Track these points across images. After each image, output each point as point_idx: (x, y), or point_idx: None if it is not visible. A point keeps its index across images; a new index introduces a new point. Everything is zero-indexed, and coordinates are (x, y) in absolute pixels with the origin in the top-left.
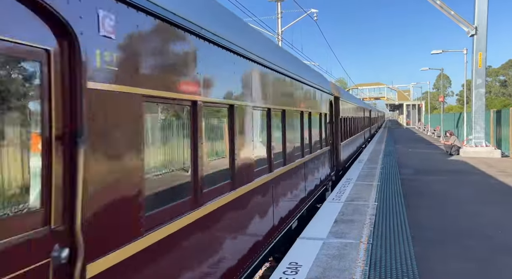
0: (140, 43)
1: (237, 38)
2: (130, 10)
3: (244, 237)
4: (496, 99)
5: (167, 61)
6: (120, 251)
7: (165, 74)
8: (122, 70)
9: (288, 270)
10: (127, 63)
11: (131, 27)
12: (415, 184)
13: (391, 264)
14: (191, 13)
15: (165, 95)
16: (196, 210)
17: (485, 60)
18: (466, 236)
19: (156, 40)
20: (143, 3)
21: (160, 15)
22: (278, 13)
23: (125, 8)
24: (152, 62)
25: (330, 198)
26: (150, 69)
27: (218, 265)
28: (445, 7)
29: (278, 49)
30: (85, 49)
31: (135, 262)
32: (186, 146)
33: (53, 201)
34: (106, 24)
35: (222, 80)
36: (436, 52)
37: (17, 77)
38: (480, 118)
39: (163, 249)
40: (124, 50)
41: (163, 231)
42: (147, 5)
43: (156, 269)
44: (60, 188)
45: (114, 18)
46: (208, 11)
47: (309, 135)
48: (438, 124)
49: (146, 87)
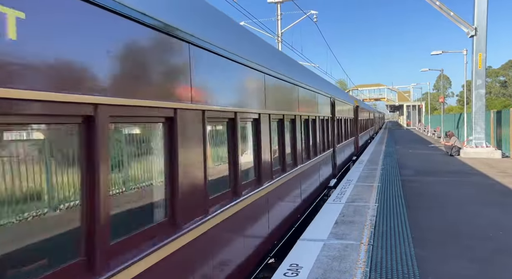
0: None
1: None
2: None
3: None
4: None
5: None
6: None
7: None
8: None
9: (289, 272)
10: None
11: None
12: (415, 185)
13: (392, 265)
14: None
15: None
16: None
17: (485, 61)
18: (467, 237)
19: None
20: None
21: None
22: (278, 15)
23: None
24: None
25: (330, 199)
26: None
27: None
28: (445, 8)
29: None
30: None
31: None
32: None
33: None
34: None
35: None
36: (436, 53)
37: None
38: (480, 119)
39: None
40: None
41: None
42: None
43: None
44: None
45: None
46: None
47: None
48: (438, 125)
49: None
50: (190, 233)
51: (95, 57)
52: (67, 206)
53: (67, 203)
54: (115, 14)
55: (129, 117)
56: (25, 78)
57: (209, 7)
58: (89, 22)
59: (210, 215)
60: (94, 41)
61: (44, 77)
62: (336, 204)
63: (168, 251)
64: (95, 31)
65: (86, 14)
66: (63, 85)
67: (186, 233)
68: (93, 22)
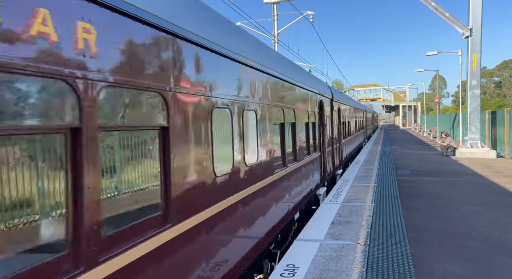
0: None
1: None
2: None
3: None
4: (491, 100)
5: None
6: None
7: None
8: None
9: (286, 272)
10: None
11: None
12: (411, 185)
13: (388, 265)
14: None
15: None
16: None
17: (479, 62)
18: (462, 237)
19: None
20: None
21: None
22: (274, 15)
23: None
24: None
25: (327, 199)
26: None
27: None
28: (440, 9)
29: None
30: None
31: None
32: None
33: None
34: None
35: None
36: (431, 53)
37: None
38: (475, 119)
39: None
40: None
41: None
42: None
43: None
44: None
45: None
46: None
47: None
48: (434, 126)
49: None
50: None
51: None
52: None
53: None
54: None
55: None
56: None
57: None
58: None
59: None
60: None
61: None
62: (332, 204)
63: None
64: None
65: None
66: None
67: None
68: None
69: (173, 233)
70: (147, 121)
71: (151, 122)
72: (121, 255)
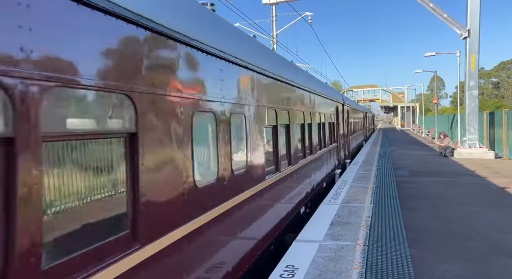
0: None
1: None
2: None
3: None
4: (489, 101)
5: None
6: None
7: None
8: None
9: (285, 273)
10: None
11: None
12: (410, 186)
13: (387, 266)
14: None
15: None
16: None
17: (477, 63)
18: (461, 237)
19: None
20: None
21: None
22: (273, 16)
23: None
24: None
25: (326, 200)
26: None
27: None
28: (438, 10)
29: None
30: None
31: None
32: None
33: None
34: None
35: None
36: (429, 54)
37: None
38: (473, 120)
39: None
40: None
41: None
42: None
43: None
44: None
45: None
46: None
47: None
48: (432, 126)
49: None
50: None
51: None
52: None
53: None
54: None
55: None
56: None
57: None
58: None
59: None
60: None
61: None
62: (331, 204)
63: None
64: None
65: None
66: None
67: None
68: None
69: (142, 255)
70: (110, 126)
71: (115, 128)
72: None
